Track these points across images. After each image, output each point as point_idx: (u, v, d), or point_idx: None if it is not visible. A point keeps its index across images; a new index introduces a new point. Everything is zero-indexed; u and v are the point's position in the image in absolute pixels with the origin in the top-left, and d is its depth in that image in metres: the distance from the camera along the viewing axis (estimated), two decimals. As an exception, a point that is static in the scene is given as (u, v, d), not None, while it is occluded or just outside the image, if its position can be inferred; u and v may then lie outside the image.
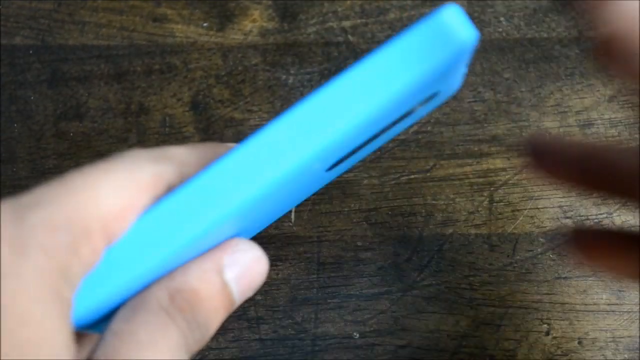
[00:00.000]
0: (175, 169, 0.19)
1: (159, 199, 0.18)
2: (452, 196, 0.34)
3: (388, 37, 0.36)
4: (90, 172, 0.18)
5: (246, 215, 0.19)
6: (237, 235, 0.20)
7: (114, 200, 0.17)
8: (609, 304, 0.32)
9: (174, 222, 0.18)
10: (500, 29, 0.36)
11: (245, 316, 0.32)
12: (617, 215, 0.33)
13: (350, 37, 0.36)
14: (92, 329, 0.19)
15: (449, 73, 0.19)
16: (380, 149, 0.34)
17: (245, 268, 0.19)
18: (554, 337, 0.32)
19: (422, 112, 0.24)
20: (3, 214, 0.16)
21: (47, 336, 0.16)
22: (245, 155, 0.18)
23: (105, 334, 0.18)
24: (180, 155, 0.20)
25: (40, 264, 0.16)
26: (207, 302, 0.19)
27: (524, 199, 0.34)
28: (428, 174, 0.34)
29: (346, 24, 0.36)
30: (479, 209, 0.33)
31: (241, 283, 0.19)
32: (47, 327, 0.16)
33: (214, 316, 0.19)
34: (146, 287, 0.19)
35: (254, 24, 0.36)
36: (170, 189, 0.19)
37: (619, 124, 0.34)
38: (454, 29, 0.18)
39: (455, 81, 0.22)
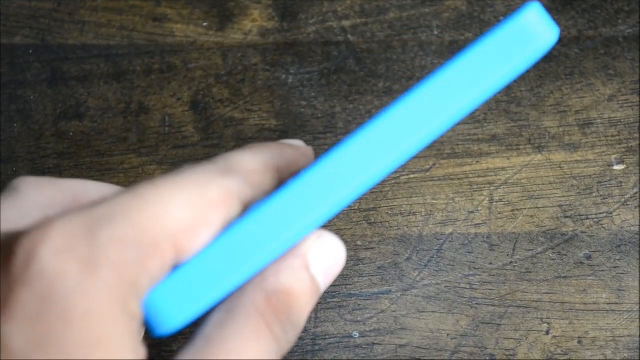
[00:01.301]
0: (245, 182, 0.19)
1: (233, 213, 0.19)
2: (451, 195, 0.34)
3: (388, 37, 0.36)
4: (161, 185, 0.18)
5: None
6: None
7: (184, 215, 0.17)
8: (608, 303, 0.32)
9: (270, 232, 0.18)
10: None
11: (245, 316, 0.32)
12: (617, 215, 0.33)
13: (350, 37, 0.36)
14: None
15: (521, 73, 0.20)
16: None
17: (328, 259, 0.20)
18: (554, 337, 0.32)
19: None
20: (75, 229, 0.16)
21: (118, 352, 0.16)
22: (340, 159, 0.19)
23: (196, 336, 0.18)
24: (246, 164, 0.20)
25: (110, 280, 0.16)
26: (300, 299, 0.19)
27: (524, 198, 0.34)
28: (428, 174, 0.34)
29: (346, 23, 0.36)
30: (479, 208, 0.33)
31: (326, 274, 0.20)
32: (117, 344, 0.16)
33: (306, 312, 0.19)
34: (239, 289, 0.19)
35: (253, 23, 0.36)
36: (242, 202, 0.19)
37: (619, 123, 0.34)
38: (538, 29, 0.18)
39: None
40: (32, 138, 0.34)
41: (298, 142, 0.23)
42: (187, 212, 0.18)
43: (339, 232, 0.33)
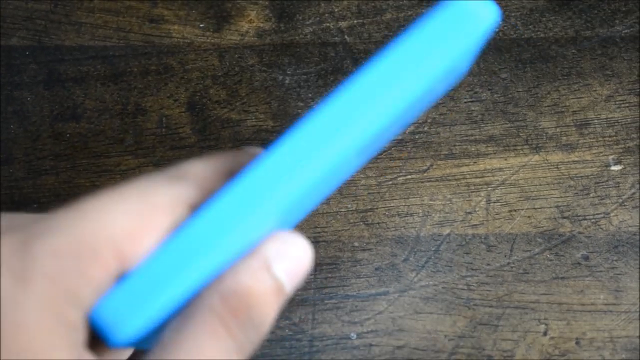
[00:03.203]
0: (195, 187, 0.19)
1: (181, 218, 0.19)
2: (449, 196, 0.34)
3: (385, 38, 0.36)
4: (101, 197, 0.18)
5: (286, 212, 0.19)
6: (275, 228, 0.20)
7: (125, 223, 0.18)
8: (606, 304, 0.32)
9: (217, 230, 0.18)
10: (497, 29, 0.36)
11: (242, 317, 0.32)
12: (614, 215, 0.33)
13: (346, 38, 0.36)
14: (144, 344, 0.19)
15: (468, 54, 0.19)
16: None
17: (291, 259, 0.19)
18: (552, 338, 0.32)
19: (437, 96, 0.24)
20: (8, 245, 0.17)
21: None
22: (286, 150, 0.18)
23: (154, 346, 0.18)
24: (199, 171, 0.20)
25: (43, 291, 0.16)
26: (261, 299, 0.18)
27: (521, 199, 0.34)
28: (425, 174, 0.34)
29: (343, 24, 0.36)
30: (476, 209, 0.33)
31: (290, 274, 0.19)
32: (51, 354, 0.16)
33: (269, 312, 0.19)
34: (195, 295, 0.18)
35: (250, 24, 0.36)
36: (192, 208, 0.19)
37: (616, 123, 0.34)
38: (477, 8, 0.18)
39: (467, 64, 0.22)
40: (29, 139, 0.34)
41: (257, 150, 0.23)
42: (129, 220, 0.18)
43: (335, 233, 0.33)
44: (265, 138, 0.35)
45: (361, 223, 0.33)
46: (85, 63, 0.35)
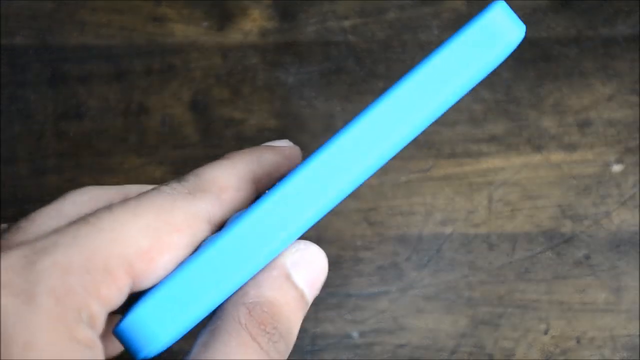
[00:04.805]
0: (214, 202, 0.19)
1: (199, 235, 0.19)
2: (451, 195, 0.34)
3: (388, 37, 0.36)
4: (117, 211, 0.18)
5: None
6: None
7: (140, 241, 0.17)
8: (607, 303, 0.32)
9: (247, 247, 0.18)
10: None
11: (245, 315, 0.33)
12: (616, 215, 0.33)
13: (350, 37, 0.36)
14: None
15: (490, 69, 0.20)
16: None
17: (309, 267, 0.19)
18: (553, 336, 0.32)
19: None
20: (10, 260, 0.16)
21: None
22: (319, 166, 0.18)
23: None
24: (219, 180, 0.19)
25: (52, 309, 0.16)
26: (284, 308, 0.19)
27: (523, 198, 0.34)
28: (427, 174, 0.34)
29: (346, 23, 0.36)
30: (478, 208, 0.34)
31: (309, 282, 0.20)
32: None
33: (294, 321, 0.19)
34: (221, 308, 0.19)
35: (253, 23, 0.36)
36: (212, 223, 0.19)
37: (618, 123, 0.35)
38: (505, 27, 0.18)
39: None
40: (33, 138, 0.34)
41: (282, 143, 0.23)
42: (144, 238, 0.17)
43: (338, 232, 0.33)
44: (269, 137, 0.35)
45: (364, 222, 0.33)
46: (88, 62, 0.35)
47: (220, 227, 0.19)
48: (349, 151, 0.18)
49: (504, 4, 0.19)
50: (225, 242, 0.18)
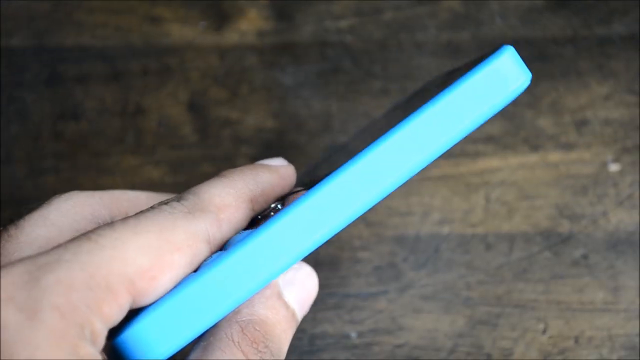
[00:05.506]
0: (213, 222, 0.19)
1: (199, 255, 0.19)
2: (448, 196, 0.34)
3: (384, 37, 0.36)
4: (119, 228, 0.18)
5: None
6: None
7: (141, 260, 0.17)
8: (605, 303, 0.32)
9: (248, 270, 0.18)
10: (495, 28, 0.36)
11: (242, 316, 0.33)
12: (613, 214, 0.33)
13: (346, 37, 0.36)
14: None
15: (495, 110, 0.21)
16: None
17: (301, 286, 0.20)
18: (551, 336, 0.32)
19: None
20: (16, 275, 0.16)
21: None
22: (326, 195, 0.19)
23: None
24: (218, 200, 0.20)
25: (55, 325, 0.16)
26: (276, 327, 0.19)
27: (520, 198, 0.34)
28: (424, 174, 0.34)
29: (342, 23, 0.36)
30: (476, 208, 0.34)
31: (300, 301, 0.20)
32: None
33: (285, 340, 0.19)
34: (214, 326, 0.19)
35: (250, 23, 0.36)
36: (210, 243, 0.19)
37: (614, 122, 0.35)
38: (513, 73, 0.19)
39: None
40: (30, 139, 0.34)
41: (277, 162, 0.23)
42: (145, 257, 0.17)
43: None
44: (266, 138, 0.35)
45: (361, 222, 0.33)
46: (85, 63, 0.35)
47: (218, 246, 0.20)
48: (354, 184, 0.19)
49: (513, 49, 0.19)
50: (228, 263, 0.18)
